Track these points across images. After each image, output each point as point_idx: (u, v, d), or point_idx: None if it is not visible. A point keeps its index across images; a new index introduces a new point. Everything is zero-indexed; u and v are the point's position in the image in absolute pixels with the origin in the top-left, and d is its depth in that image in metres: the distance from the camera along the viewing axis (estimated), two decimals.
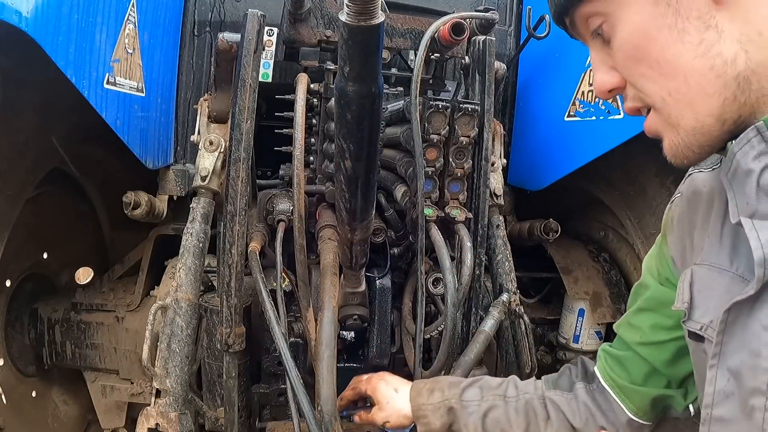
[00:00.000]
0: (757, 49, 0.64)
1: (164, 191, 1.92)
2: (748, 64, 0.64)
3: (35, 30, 1.14)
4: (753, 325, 0.64)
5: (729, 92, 0.65)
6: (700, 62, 0.65)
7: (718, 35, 0.64)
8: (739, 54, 0.64)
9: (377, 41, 0.86)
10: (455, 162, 1.55)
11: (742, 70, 0.64)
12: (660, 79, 0.69)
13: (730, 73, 0.64)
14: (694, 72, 0.66)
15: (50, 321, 2.02)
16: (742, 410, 0.66)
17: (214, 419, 1.65)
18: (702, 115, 0.67)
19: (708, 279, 0.76)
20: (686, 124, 0.69)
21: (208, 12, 1.99)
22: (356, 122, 0.97)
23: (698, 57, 0.65)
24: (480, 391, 1.16)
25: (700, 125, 0.68)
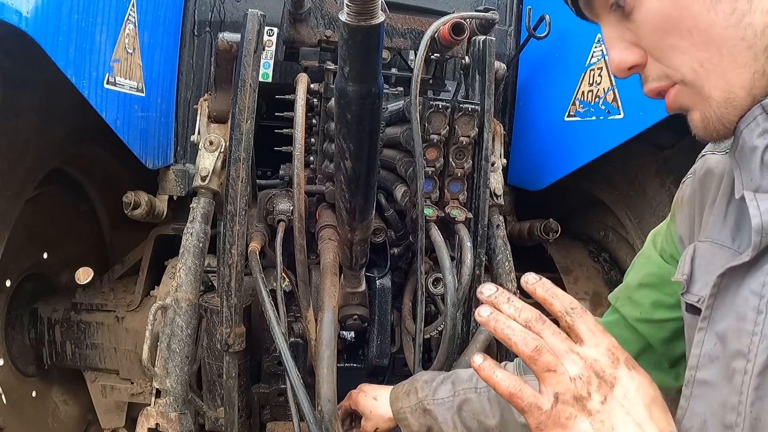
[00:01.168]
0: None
1: (164, 191, 1.92)
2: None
3: (35, 30, 1.14)
4: (743, 290, 0.64)
5: (759, 65, 0.64)
6: (732, 32, 0.64)
7: (749, 5, 0.63)
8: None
9: (377, 41, 0.86)
10: (455, 162, 1.55)
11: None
12: (692, 49, 0.67)
13: (761, 45, 0.63)
14: (726, 42, 0.64)
15: (50, 321, 2.02)
16: (725, 373, 0.66)
17: (214, 419, 1.65)
18: (735, 86, 0.66)
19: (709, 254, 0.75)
20: (719, 96, 0.67)
21: (208, 12, 1.99)
22: (356, 122, 0.97)
23: (730, 27, 0.64)
24: (452, 386, 1.15)
25: (733, 96, 0.66)
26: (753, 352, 0.62)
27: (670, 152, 1.77)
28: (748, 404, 0.62)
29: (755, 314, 0.62)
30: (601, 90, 1.75)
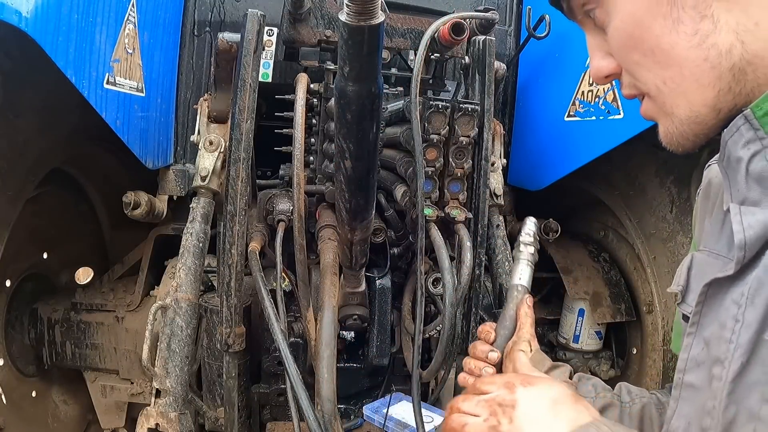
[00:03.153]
0: (753, 40, 0.63)
1: (164, 191, 1.92)
2: (743, 56, 0.63)
3: (35, 30, 1.14)
4: (726, 299, 0.66)
5: (724, 83, 0.65)
6: (694, 53, 0.65)
7: (714, 26, 0.64)
8: (735, 45, 0.63)
9: (377, 41, 0.86)
10: (455, 162, 1.56)
11: (737, 62, 0.64)
12: (654, 67, 0.69)
13: (725, 65, 0.64)
14: (688, 62, 0.65)
15: (50, 321, 2.02)
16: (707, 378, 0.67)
17: (214, 419, 1.65)
18: (697, 105, 0.67)
19: (705, 264, 0.76)
20: (681, 113, 0.69)
21: (208, 12, 1.99)
22: (356, 122, 0.97)
23: (693, 47, 0.65)
24: (594, 389, 1.01)
25: (694, 115, 0.68)
26: (728, 359, 0.63)
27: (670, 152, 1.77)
28: (721, 409, 0.63)
29: (733, 323, 0.64)
30: (600, 90, 1.75)
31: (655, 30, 0.67)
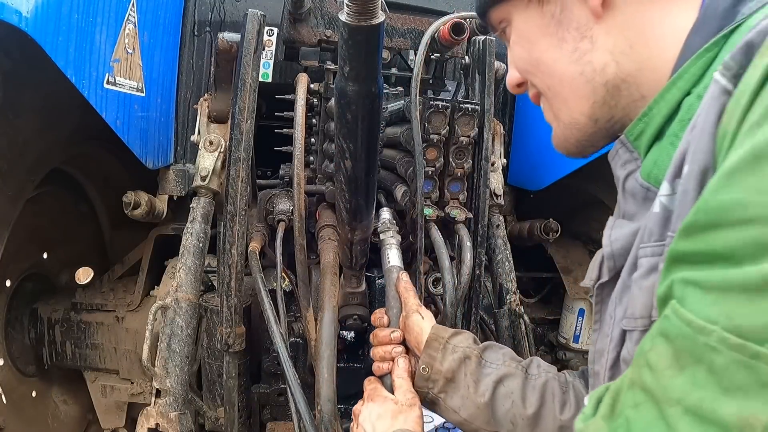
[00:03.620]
0: (627, 60, 0.70)
1: (164, 191, 1.92)
2: (617, 74, 0.71)
3: (35, 30, 1.14)
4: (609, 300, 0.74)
5: (598, 96, 0.73)
6: (572, 67, 0.73)
7: (592, 45, 0.72)
8: (609, 63, 0.71)
9: (377, 41, 0.86)
10: (455, 162, 1.56)
11: (611, 78, 0.71)
12: (541, 76, 0.79)
13: (599, 80, 0.72)
14: (567, 75, 0.74)
15: (50, 321, 2.02)
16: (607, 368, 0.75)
17: (214, 419, 1.65)
18: (575, 113, 0.76)
19: None
20: (563, 119, 0.79)
21: (208, 12, 1.99)
22: (356, 122, 0.97)
23: (572, 63, 0.73)
24: (503, 357, 1.06)
25: (574, 121, 0.77)
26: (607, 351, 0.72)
27: None
28: None
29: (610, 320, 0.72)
30: None
31: (542, 46, 0.76)
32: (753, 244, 0.43)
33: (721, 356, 0.44)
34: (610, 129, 0.76)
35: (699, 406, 0.45)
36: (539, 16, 0.76)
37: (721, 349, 0.44)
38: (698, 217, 0.47)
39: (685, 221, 0.49)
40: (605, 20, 0.71)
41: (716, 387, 0.44)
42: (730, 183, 0.45)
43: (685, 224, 0.49)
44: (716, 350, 0.44)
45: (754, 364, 0.42)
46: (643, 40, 0.69)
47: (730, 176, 0.45)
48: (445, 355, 1.04)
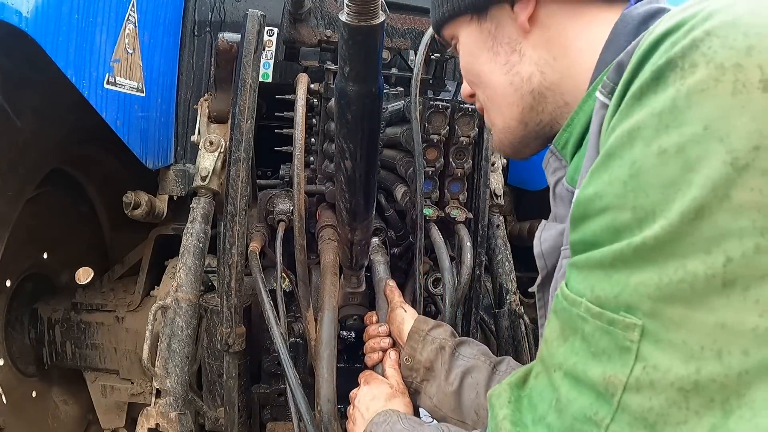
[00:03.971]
0: (551, 71, 0.78)
1: (164, 191, 1.92)
2: (542, 83, 0.79)
3: (35, 30, 1.14)
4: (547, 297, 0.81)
5: (526, 103, 0.81)
6: (504, 78, 0.82)
7: (520, 58, 0.80)
8: (535, 74, 0.79)
9: (377, 41, 0.86)
10: (455, 162, 1.56)
11: (536, 87, 0.79)
12: (481, 86, 0.88)
13: (526, 89, 0.80)
14: (499, 85, 0.83)
15: (50, 321, 2.02)
16: None
17: (214, 419, 1.65)
18: (507, 118, 0.85)
19: None
20: (498, 124, 0.87)
21: (208, 12, 1.99)
22: (356, 122, 0.97)
23: (503, 74, 0.82)
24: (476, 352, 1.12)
25: (507, 126, 0.86)
26: None
27: None
28: None
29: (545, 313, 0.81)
30: None
31: (482, 59, 0.85)
32: (607, 228, 0.50)
33: (588, 324, 0.50)
34: (540, 132, 0.83)
35: (574, 369, 0.51)
36: (479, 32, 0.85)
37: (587, 317, 0.50)
38: (574, 211, 0.55)
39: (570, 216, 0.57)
40: (532, 35, 0.79)
41: (587, 352, 0.50)
42: (591, 180, 0.52)
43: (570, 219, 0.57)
44: (584, 319, 0.51)
45: (611, 329, 0.48)
46: (565, 53, 0.77)
47: (592, 174, 0.53)
48: (425, 345, 1.13)
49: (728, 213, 0.43)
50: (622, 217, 0.48)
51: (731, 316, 0.43)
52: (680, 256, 0.45)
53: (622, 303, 0.47)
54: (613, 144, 0.50)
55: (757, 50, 0.44)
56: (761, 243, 0.42)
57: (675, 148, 0.45)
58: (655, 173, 0.46)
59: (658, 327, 0.46)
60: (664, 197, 0.45)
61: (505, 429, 0.58)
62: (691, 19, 0.48)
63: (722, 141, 0.43)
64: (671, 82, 0.47)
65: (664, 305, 0.45)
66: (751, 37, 0.44)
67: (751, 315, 0.43)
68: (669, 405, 0.45)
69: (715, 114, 0.44)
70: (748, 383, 0.43)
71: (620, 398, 0.47)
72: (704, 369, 0.44)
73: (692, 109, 0.45)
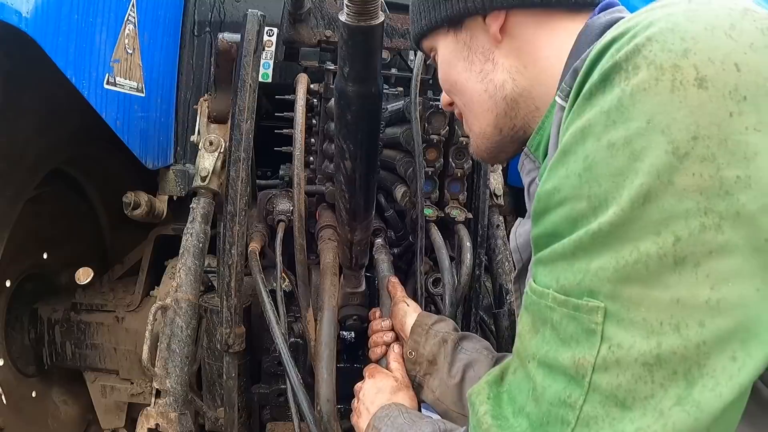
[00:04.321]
0: (522, 78, 0.82)
1: (164, 191, 1.92)
2: (514, 89, 0.83)
3: (35, 30, 1.14)
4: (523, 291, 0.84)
5: (500, 109, 0.85)
6: (479, 85, 0.86)
7: (494, 66, 0.84)
8: (507, 81, 0.83)
9: (377, 41, 0.86)
10: (455, 162, 1.56)
11: (509, 93, 0.83)
12: (459, 94, 0.92)
13: (499, 95, 0.84)
14: (474, 92, 0.87)
15: (50, 321, 2.02)
16: None
17: (214, 419, 1.65)
18: (483, 124, 0.89)
19: None
20: (475, 129, 0.92)
21: (208, 12, 1.99)
22: (356, 122, 0.98)
23: (478, 82, 0.86)
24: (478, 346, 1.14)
25: (482, 131, 0.90)
26: None
27: None
28: None
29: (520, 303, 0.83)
30: None
31: (457, 68, 0.89)
32: (566, 218, 0.53)
33: (556, 313, 0.53)
34: (514, 137, 0.87)
35: (546, 357, 0.54)
36: (455, 43, 0.89)
37: (554, 307, 0.53)
38: (536, 206, 0.58)
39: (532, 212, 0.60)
40: (504, 45, 0.84)
41: (557, 339, 0.53)
42: (549, 175, 0.56)
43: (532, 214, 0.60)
44: (552, 309, 0.54)
45: (577, 315, 0.51)
46: (534, 61, 0.82)
47: (550, 170, 0.56)
48: (428, 339, 1.15)
49: (673, 197, 0.47)
50: (579, 206, 0.52)
51: (685, 291, 0.46)
52: (633, 239, 0.48)
53: (585, 288, 0.50)
54: (567, 141, 0.54)
55: (692, 52, 0.48)
56: (705, 222, 0.46)
57: (622, 141, 0.49)
58: (605, 164, 0.50)
59: (618, 308, 0.48)
60: (614, 185, 0.49)
61: (486, 423, 0.60)
62: (635, 27, 0.53)
63: (663, 133, 0.47)
64: (617, 83, 0.51)
65: (623, 286, 0.48)
66: (687, 41, 0.49)
67: (703, 289, 0.46)
68: (635, 380, 0.47)
69: (657, 109, 0.48)
70: (706, 353, 0.45)
71: (590, 379, 0.49)
72: (665, 343, 0.46)
73: (636, 105, 0.49)
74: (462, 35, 0.88)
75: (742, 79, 0.47)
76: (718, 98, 0.47)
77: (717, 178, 0.46)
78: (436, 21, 0.90)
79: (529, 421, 0.55)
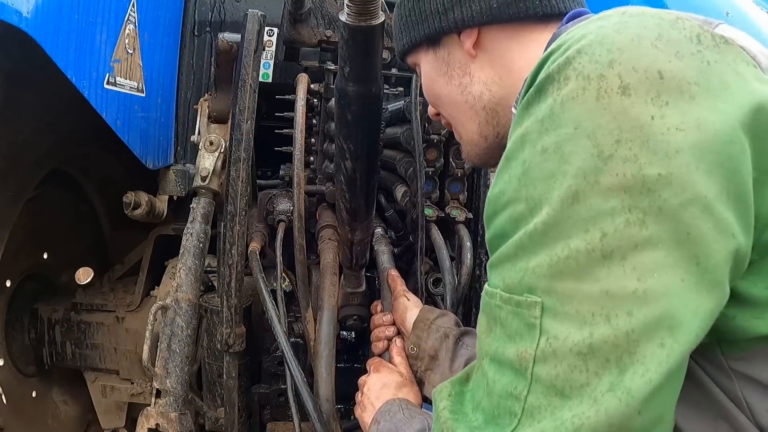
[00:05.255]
0: (498, 88, 0.87)
1: (164, 191, 1.91)
2: (491, 99, 0.87)
3: (35, 30, 1.14)
4: None
5: (482, 118, 0.89)
6: (460, 97, 0.91)
7: (471, 79, 0.89)
8: (484, 92, 0.88)
9: (377, 41, 0.86)
10: (455, 162, 1.56)
11: (487, 103, 0.88)
12: (444, 106, 0.97)
13: (479, 105, 0.89)
14: (457, 104, 0.92)
15: (50, 321, 2.01)
16: None
17: (214, 419, 1.65)
18: (469, 132, 0.93)
19: None
20: (463, 138, 0.97)
21: (209, 12, 1.98)
22: (356, 122, 0.98)
23: (459, 94, 0.91)
24: None
25: (470, 139, 0.94)
26: None
27: None
28: None
29: None
30: None
31: (439, 83, 0.94)
32: (510, 219, 0.57)
33: (503, 311, 0.56)
34: (501, 143, 0.88)
35: (496, 353, 0.57)
36: (435, 60, 0.94)
37: (501, 305, 0.57)
38: (487, 210, 0.62)
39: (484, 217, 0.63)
40: (479, 59, 0.88)
41: (504, 336, 0.56)
42: (496, 180, 0.60)
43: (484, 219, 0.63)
44: (500, 307, 0.57)
45: (519, 311, 0.54)
46: (508, 72, 0.86)
47: (497, 176, 0.60)
48: (430, 334, 1.16)
49: (599, 196, 0.50)
50: (519, 208, 0.56)
51: (613, 283, 0.49)
52: (565, 237, 0.51)
53: (525, 286, 0.54)
54: (510, 148, 0.59)
55: (617, 62, 0.52)
56: (630, 218, 0.49)
57: (553, 146, 0.53)
58: (539, 168, 0.54)
59: (554, 302, 0.51)
60: (547, 187, 0.53)
61: (444, 417, 0.63)
62: (569, 41, 0.57)
63: (589, 137, 0.51)
64: (550, 94, 0.55)
65: (557, 281, 0.51)
66: (613, 52, 0.52)
67: (630, 280, 0.48)
68: (571, 370, 0.50)
69: (583, 116, 0.52)
70: (636, 341, 0.48)
71: (532, 371, 0.52)
72: (596, 333, 0.49)
73: (565, 113, 0.53)
74: (440, 52, 0.93)
75: (665, 85, 0.50)
76: (640, 104, 0.50)
77: (639, 176, 0.49)
78: (416, 39, 0.94)
79: (484, 415, 0.58)
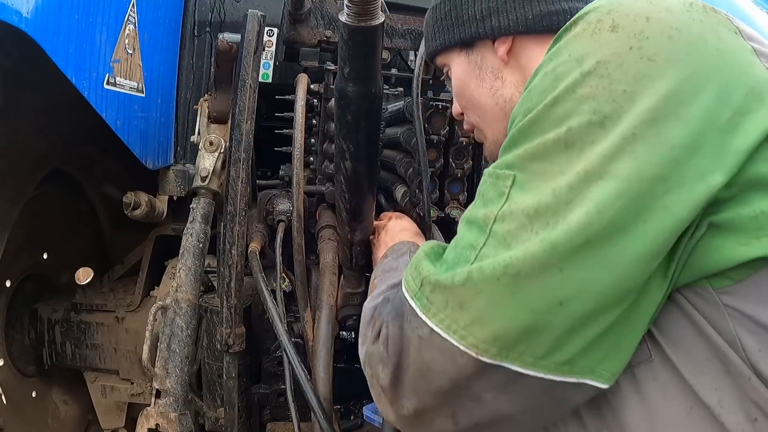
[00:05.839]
0: None
1: (164, 191, 1.91)
2: None
3: (35, 30, 1.14)
4: None
5: None
6: (491, 100, 0.97)
7: (502, 83, 0.96)
8: (515, 95, 0.94)
9: (377, 42, 0.86)
10: (455, 162, 1.56)
11: None
12: (473, 109, 1.03)
13: (509, 107, 0.94)
14: (488, 107, 0.98)
15: (50, 321, 2.01)
16: None
17: (214, 419, 1.65)
18: (496, 133, 0.99)
19: None
20: (489, 138, 1.02)
21: (208, 12, 1.98)
22: (356, 122, 0.98)
23: (490, 97, 0.97)
24: None
25: (496, 139, 1.00)
26: None
27: None
28: None
29: None
30: None
31: (471, 86, 1.00)
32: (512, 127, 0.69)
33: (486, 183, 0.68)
34: None
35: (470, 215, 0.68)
36: (467, 63, 1.00)
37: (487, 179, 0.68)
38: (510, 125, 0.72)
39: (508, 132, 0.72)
40: (510, 64, 0.96)
41: (481, 202, 0.67)
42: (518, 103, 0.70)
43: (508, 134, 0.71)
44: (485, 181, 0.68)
45: (496, 182, 0.66)
46: None
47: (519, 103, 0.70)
48: None
49: (573, 101, 0.62)
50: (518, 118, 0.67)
51: (568, 166, 0.60)
52: (542, 131, 0.63)
53: (506, 164, 0.66)
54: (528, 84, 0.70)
55: (614, 11, 0.64)
56: (592, 119, 0.60)
57: (551, 69, 0.66)
58: (537, 87, 0.66)
59: (524, 177, 0.63)
60: (539, 98, 0.65)
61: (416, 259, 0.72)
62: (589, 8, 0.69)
63: (578, 61, 0.63)
64: (562, 38, 0.68)
65: (529, 162, 0.63)
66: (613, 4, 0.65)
67: (579, 164, 0.59)
68: (519, 228, 0.61)
69: (577, 47, 0.65)
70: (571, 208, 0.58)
71: (491, 227, 0.63)
72: (543, 200, 0.60)
73: (566, 47, 0.66)
74: (473, 56, 0.99)
75: (649, 26, 0.61)
76: (624, 38, 0.62)
77: (608, 89, 0.60)
78: (450, 42, 1.00)
79: (447, 264, 0.68)
